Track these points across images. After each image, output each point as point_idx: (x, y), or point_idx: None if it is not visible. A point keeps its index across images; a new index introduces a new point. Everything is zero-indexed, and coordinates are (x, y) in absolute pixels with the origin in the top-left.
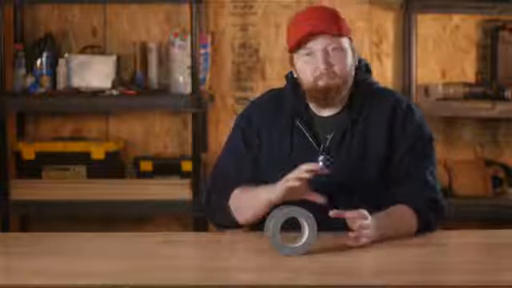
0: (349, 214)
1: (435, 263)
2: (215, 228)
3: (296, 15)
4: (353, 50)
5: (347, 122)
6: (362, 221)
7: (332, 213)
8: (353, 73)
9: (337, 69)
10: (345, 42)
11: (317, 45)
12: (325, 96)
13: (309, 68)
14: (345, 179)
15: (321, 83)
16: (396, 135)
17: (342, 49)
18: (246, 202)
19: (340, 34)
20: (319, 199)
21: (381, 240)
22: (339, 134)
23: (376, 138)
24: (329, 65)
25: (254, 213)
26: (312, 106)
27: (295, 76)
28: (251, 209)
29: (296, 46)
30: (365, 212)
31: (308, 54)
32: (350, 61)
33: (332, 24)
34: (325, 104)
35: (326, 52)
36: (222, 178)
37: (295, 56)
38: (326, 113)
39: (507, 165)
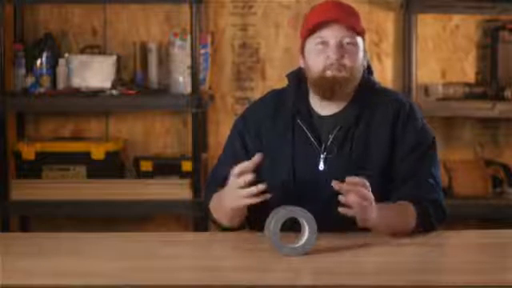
0: (347, 185)
1: (435, 263)
2: (216, 228)
3: (315, 6)
4: (364, 52)
5: (349, 120)
6: (362, 188)
7: (335, 184)
8: (361, 71)
9: (347, 62)
10: (359, 40)
11: (332, 34)
12: (331, 87)
13: (320, 57)
14: (346, 178)
15: (329, 73)
16: (398, 136)
17: (355, 45)
18: (218, 209)
19: (356, 31)
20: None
21: (378, 229)
22: (341, 132)
23: (378, 137)
24: (340, 56)
25: (227, 220)
26: (314, 103)
27: (302, 66)
28: (224, 217)
29: (311, 32)
30: (363, 181)
31: (322, 43)
32: (361, 59)
33: (350, 18)
34: (329, 96)
35: (340, 44)
36: (217, 181)
37: (307, 43)
38: (328, 111)
39: (507, 165)
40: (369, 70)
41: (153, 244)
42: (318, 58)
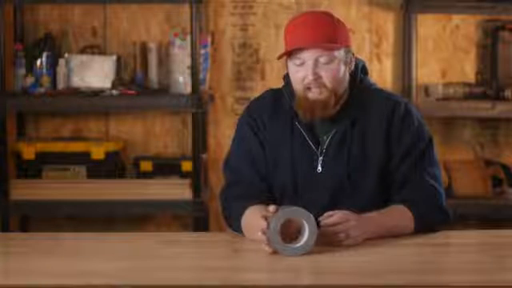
0: (332, 220)
1: (435, 263)
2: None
3: (292, 20)
4: (349, 60)
5: (345, 122)
6: (345, 223)
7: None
8: (346, 81)
9: (326, 80)
10: (338, 53)
11: (308, 55)
12: (311, 109)
13: (299, 76)
14: (344, 180)
15: (310, 95)
16: (394, 136)
17: (333, 61)
18: (250, 230)
19: (333, 46)
20: None
21: (372, 237)
22: (338, 135)
23: (374, 139)
24: (318, 76)
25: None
26: None
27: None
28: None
29: (289, 54)
30: (347, 214)
31: (300, 65)
32: (342, 71)
33: (326, 36)
34: (309, 117)
35: (316, 63)
36: (238, 183)
37: (289, 62)
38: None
39: (507, 165)
40: (364, 70)
41: (153, 244)
42: (297, 77)
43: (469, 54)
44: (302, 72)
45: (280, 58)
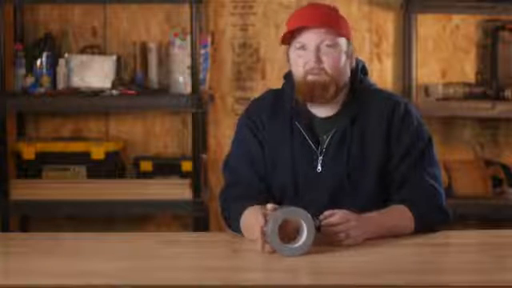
0: (333, 220)
1: (435, 263)
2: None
3: (295, 12)
4: (350, 53)
5: (345, 122)
6: (346, 224)
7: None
8: (346, 74)
9: (327, 66)
10: (341, 41)
11: (310, 39)
12: (310, 91)
13: (300, 61)
14: (344, 180)
15: (309, 78)
16: (394, 137)
17: (335, 47)
18: (249, 230)
19: (336, 33)
20: None
21: (372, 237)
22: (338, 134)
23: (374, 139)
24: (319, 61)
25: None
26: (311, 105)
27: (290, 69)
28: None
29: (290, 37)
30: (347, 214)
31: (301, 48)
32: (343, 61)
33: (329, 21)
34: (309, 100)
35: (318, 48)
36: (237, 184)
37: (290, 48)
38: (325, 113)
39: (507, 165)
40: (363, 70)
41: (153, 244)
42: (298, 62)
43: (469, 54)
44: (304, 57)
45: (283, 40)
